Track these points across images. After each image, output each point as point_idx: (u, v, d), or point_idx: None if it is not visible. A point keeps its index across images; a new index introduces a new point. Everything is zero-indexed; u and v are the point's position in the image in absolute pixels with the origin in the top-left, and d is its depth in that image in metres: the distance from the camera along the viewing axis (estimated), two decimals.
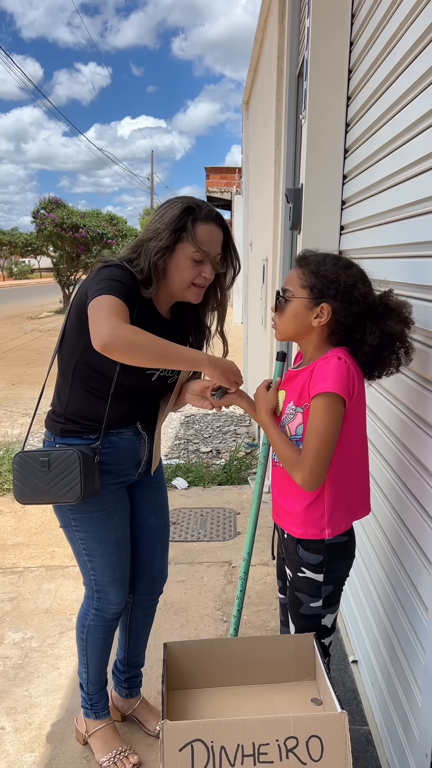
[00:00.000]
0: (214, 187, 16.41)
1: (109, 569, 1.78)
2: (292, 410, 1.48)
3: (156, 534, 1.95)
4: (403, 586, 1.66)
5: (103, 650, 1.90)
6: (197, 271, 1.61)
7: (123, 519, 1.80)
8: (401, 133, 1.74)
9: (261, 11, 4.28)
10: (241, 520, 3.69)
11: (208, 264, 1.61)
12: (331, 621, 1.59)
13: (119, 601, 1.83)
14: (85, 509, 1.72)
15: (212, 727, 1.18)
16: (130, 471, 1.79)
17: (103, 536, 1.74)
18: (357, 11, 2.31)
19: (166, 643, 1.45)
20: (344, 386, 1.36)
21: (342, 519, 1.51)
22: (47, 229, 17.86)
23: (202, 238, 1.58)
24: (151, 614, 2.06)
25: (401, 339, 1.43)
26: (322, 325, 1.45)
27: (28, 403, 6.96)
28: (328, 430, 1.38)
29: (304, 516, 1.49)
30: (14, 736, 2.05)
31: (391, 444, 1.83)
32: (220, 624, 2.64)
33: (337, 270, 1.43)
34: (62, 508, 1.74)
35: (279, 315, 1.52)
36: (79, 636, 1.89)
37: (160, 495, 1.96)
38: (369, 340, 1.41)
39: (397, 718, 1.70)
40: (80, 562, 1.80)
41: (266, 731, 1.17)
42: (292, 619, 1.61)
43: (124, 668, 2.07)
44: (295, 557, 1.54)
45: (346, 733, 1.16)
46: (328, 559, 1.50)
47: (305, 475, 1.40)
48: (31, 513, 3.84)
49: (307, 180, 2.55)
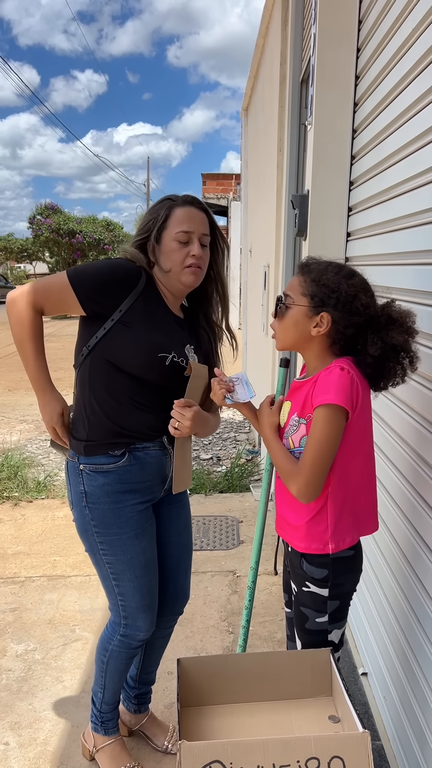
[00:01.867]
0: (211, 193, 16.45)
1: (138, 594, 1.71)
2: (296, 422, 1.46)
3: (180, 554, 1.89)
4: (418, 597, 1.64)
5: (123, 673, 1.85)
6: (185, 252, 1.62)
7: (151, 541, 1.74)
8: (412, 141, 1.73)
9: (263, 18, 4.29)
10: (244, 528, 3.66)
11: (194, 242, 1.63)
12: (338, 636, 1.56)
13: (147, 628, 1.76)
14: (114, 531, 1.66)
15: (231, 747, 1.15)
16: (156, 488, 1.74)
17: (132, 559, 1.69)
18: (364, 18, 2.30)
19: (179, 659, 1.42)
20: (347, 397, 1.34)
21: (347, 534, 1.47)
22: (44, 235, 17.86)
23: (182, 218, 1.62)
24: (168, 634, 2.01)
25: (405, 349, 1.41)
26: (322, 335, 1.43)
27: (26, 409, 6.91)
28: (326, 441, 1.35)
29: (307, 529, 1.47)
30: (19, 752, 2.01)
31: (404, 453, 1.81)
32: (226, 635, 2.60)
33: (338, 279, 1.41)
34: (89, 531, 1.68)
35: (279, 321, 1.50)
36: (100, 658, 1.83)
37: (184, 513, 1.90)
38: (371, 351, 1.39)
39: (411, 732, 1.67)
40: (107, 587, 1.74)
41: (287, 752, 1.14)
42: (298, 634, 1.58)
43: (136, 684, 2.02)
44: (299, 571, 1.51)
45: (369, 753, 1.13)
46: (333, 573, 1.47)
47: (300, 485, 1.38)
48: (31, 521, 3.80)
49: (314, 186, 2.54)
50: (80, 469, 1.66)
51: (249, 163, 6.42)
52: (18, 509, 4.00)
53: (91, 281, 1.60)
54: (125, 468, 1.65)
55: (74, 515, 1.72)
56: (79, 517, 1.70)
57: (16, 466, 4.59)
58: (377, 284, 1.51)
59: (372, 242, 2.21)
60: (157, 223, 1.63)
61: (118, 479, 1.65)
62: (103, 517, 1.66)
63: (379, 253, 2.10)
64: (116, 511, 1.65)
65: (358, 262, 2.43)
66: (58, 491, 4.28)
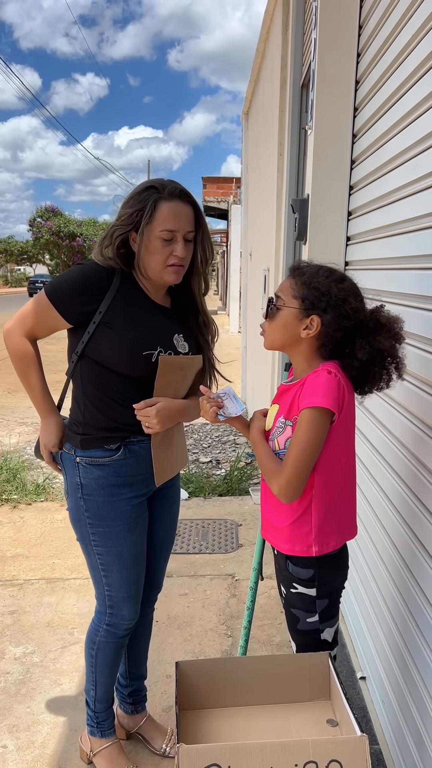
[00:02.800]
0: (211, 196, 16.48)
1: (125, 584, 1.75)
2: (282, 423, 1.47)
3: (163, 548, 1.93)
4: (416, 600, 1.64)
5: (113, 667, 1.86)
6: (168, 251, 1.59)
7: (142, 535, 1.77)
8: (412, 146, 1.74)
9: (263, 23, 4.30)
10: (243, 532, 3.66)
11: (179, 241, 1.58)
12: (331, 635, 1.56)
13: (132, 617, 1.80)
14: (107, 524, 1.68)
15: (229, 751, 1.14)
16: (152, 481, 1.75)
17: (123, 552, 1.71)
18: (364, 23, 2.31)
19: (178, 662, 1.42)
20: (333, 400, 1.35)
21: (331, 537, 1.48)
22: (44, 238, 17.88)
23: (167, 215, 1.56)
24: (148, 622, 2.03)
25: (391, 354, 1.43)
26: (311, 337, 1.44)
27: (25, 411, 6.91)
28: (310, 442, 1.37)
29: (291, 531, 1.48)
30: (17, 755, 2.01)
31: (401, 455, 1.81)
32: (224, 639, 2.60)
33: (329, 283, 1.42)
34: (82, 521, 1.71)
35: (269, 322, 1.51)
36: (89, 652, 1.85)
37: (174, 508, 1.93)
38: (359, 355, 1.40)
39: (410, 737, 1.67)
40: (95, 577, 1.77)
41: (285, 755, 1.14)
42: (292, 636, 1.59)
43: (127, 682, 2.03)
44: (286, 573, 1.53)
45: (367, 757, 1.13)
46: (319, 573, 1.49)
47: (281, 484, 1.39)
48: (30, 524, 3.80)
49: (314, 190, 2.54)
50: (77, 462, 1.68)
51: (249, 166, 6.44)
52: (17, 512, 4.00)
53: (67, 292, 1.61)
54: (121, 461, 1.67)
55: (68, 504, 1.74)
56: (73, 507, 1.72)
57: (15, 468, 4.58)
58: (376, 288, 1.52)
59: (372, 246, 2.21)
60: (138, 213, 1.57)
61: (114, 472, 1.67)
62: (97, 509, 1.68)
63: (379, 257, 2.10)
64: (110, 504, 1.67)
65: (357, 267, 2.44)
66: (57, 494, 4.28)
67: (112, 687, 1.90)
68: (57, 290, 1.62)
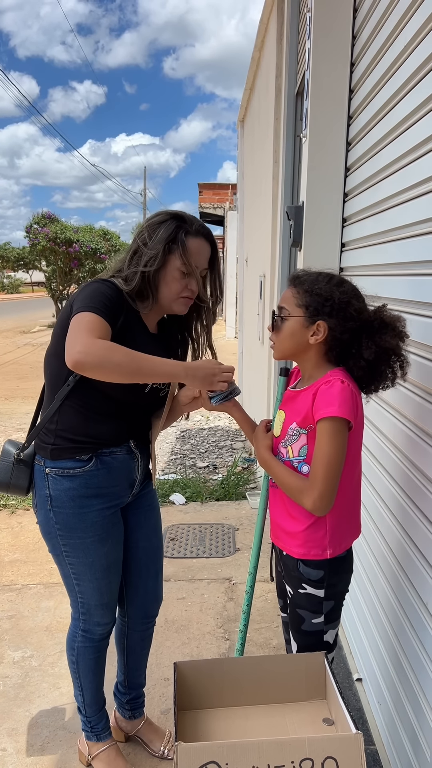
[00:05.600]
0: (207, 203, 16.55)
1: (97, 593, 1.74)
2: (296, 431, 1.48)
3: (149, 558, 1.91)
4: (411, 603, 1.66)
5: (96, 671, 1.86)
6: (184, 284, 1.63)
7: (116, 544, 1.75)
8: (405, 154, 1.77)
9: (258, 31, 4.35)
10: (240, 536, 3.67)
11: (195, 276, 1.64)
12: (332, 637, 1.59)
13: (106, 622, 1.80)
14: (77, 535, 1.67)
15: (227, 748, 1.16)
16: (124, 493, 1.75)
17: (94, 562, 1.70)
18: (358, 33, 2.35)
19: (176, 663, 1.44)
20: (349, 409, 1.38)
21: (344, 539, 1.52)
22: (40, 244, 17.89)
23: (192, 250, 1.61)
24: (148, 636, 2.03)
25: (396, 352, 1.46)
26: (319, 343, 1.47)
27: (22, 417, 6.91)
28: (336, 453, 1.39)
29: (306, 536, 1.50)
30: (16, 758, 2.01)
31: (396, 459, 1.83)
32: (222, 642, 2.62)
33: (330, 288, 1.45)
34: (52, 533, 1.68)
35: (276, 334, 1.54)
36: (70, 659, 1.86)
37: (153, 517, 1.91)
38: (365, 354, 1.43)
39: (405, 737, 1.69)
40: (68, 585, 1.76)
41: (281, 753, 1.16)
42: (294, 636, 1.61)
43: (125, 690, 2.04)
44: (295, 574, 1.54)
45: (361, 754, 1.15)
46: (328, 574, 1.51)
47: (315, 499, 1.40)
48: (27, 529, 3.80)
49: (308, 198, 2.58)
50: (46, 473, 1.65)
51: (245, 173, 6.48)
52: (15, 517, 4.01)
53: (102, 303, 1.51)
54: (92, 473, 1.65)
55: (38, 518, 1.71)
56: (43, 521, 1.69)
57: None
58: (369, 294, 1.54)
59: (366, 253, 2.24)
60: (167, 245, 1.58)
61: (84, 484, 1.65)
62: (67, 521, 1.66)
63: (373, 263, 2.13)
64: (80, 516, 1.65)
65: (352, 273, 2.47)
66: None
67: (100, 691, 1.91)
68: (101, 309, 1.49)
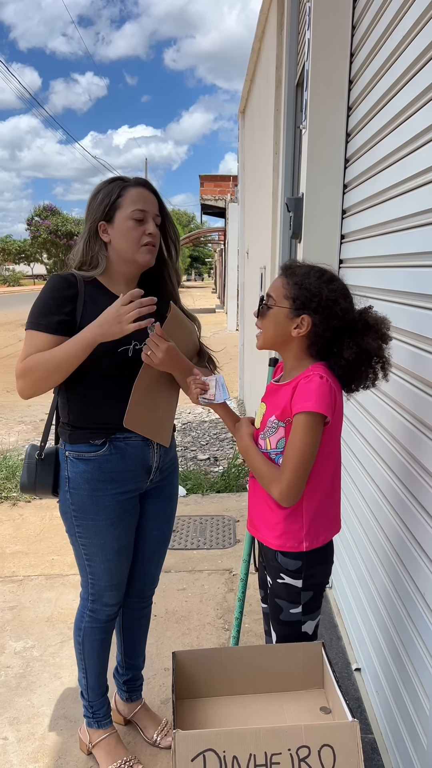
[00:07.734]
0: (209, 194, 16.51)
1: (107, 574, 1.80)
2: (274, 424, 1.50)
3: (157, 546, 1.96)
4: (409, 593, 1.67)
5: (101, 653, 1.90)
6: (141, 231, 1.65)
7: (128, 529, 1.80)
8: (404, 145, 1.76)
9: (258, 22, 4.32)
10: (240, 528, 3.69)
11: (149, 221, 1.66)
12: (311, 628, 1.60)
13: (113, 603, 1.86)
14: (90, 517, 1.73)
15: (224, 736, 1.18)
16: (141, 479, 1.78)
17: (106, 544, 1.76)
18: (358, 24, 2.34)
19: (174, 652, 1.45)
20: (326, 405, 1.39)
21: (321, 533, 1.53)
22: (41, 237, 17.88)
23: (136, 198, 1.65)
24: (145, 616, 2.07)
25: (378, 354, 1.47)
26: (301, 336, 1.47)
27: (24, 410, 6.94)
28: (307, 447, 1.40)
29: (283, 528, 1.52)
30: (17, 747, 2.04)
31: (395, 451, 1.84)
32: (222, 632, 2.63)
33: (320, 284, 1.45)
34: (68, 513, 1.76)
35: (260, 320, 1.56)
36: (76, 639, 1.90)
37: (170, 509, 1.96)
38: (346, 354, 1.44)
39: (403, 726, 1.70)
40: (80, 565, 1.83)
41: (278, 740, 1.17)
42: (273, 626, 1.63)
43: (123, 671, 2.08)
44: (274, 564, 1.56)
45: (358, 742, 1.17)
46: (306, 565, 1.53)
47: (282, 489, 1.43)
48: (29, 521, 3.82)
49: (308, 189, 2.57)
50: (66, 455, 1.72)
51: (246, 165, 6.46)
52: (16, 509, 4.03)
53: (42, 312, 1.62)
54: (105, 457, 1.70)
55: (59, 497, 1.79)
56: (61, 501, 1.77)
57: (14, 466, 4.61)
58: (369, 286, 1.55)
59: (365, 245, 2.24)
60: (111, 202, 1.64)
61: (98, 468, 1.70)
62: (81, 503, 1.72)
63: (373, 255, 2.13)
64: (94, 499, 1.71)
65: (351, 264, 2.46)
66: None
67: (104, 675, 1.94)
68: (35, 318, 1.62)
